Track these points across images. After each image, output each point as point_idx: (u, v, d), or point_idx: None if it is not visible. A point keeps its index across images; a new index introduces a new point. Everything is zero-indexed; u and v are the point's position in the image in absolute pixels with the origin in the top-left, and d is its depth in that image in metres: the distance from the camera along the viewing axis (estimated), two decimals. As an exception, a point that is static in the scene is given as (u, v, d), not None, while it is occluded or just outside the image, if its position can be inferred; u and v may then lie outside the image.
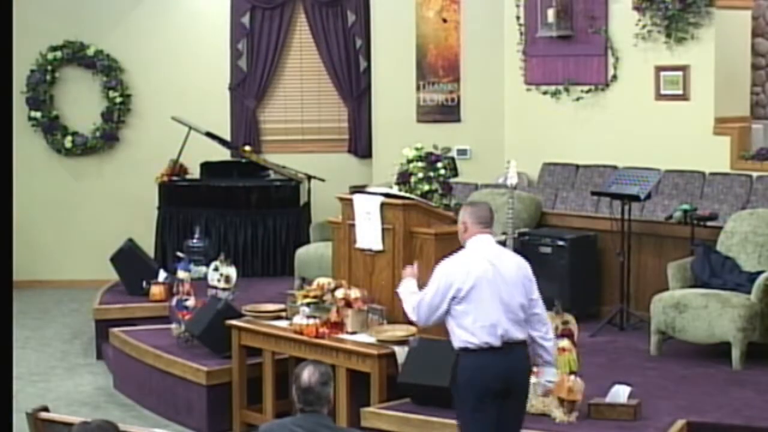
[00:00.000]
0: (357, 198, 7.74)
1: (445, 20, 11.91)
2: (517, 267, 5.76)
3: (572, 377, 6.62)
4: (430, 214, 7.62)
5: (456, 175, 10.05)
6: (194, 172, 11.97)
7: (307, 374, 4.77)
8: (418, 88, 12.03)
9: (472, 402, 5.59)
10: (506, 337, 5.59)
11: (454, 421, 6.56)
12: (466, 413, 5.66)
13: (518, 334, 5.64)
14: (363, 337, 7.28)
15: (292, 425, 4.74)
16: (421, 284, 5.97)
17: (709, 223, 8.86)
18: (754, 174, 10.10)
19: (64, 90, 12.75)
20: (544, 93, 11.38)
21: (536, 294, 5.77)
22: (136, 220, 12.04)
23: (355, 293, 7.46)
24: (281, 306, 7.87)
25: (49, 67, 12.56)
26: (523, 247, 9.45)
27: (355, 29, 12.46)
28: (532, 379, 5.87)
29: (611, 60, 10.96)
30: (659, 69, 10.65)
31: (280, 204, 11.52)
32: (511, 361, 5.62)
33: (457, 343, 5.66)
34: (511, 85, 11.74)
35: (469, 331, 5.59)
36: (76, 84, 12.73)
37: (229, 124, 12.63)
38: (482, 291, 5.60)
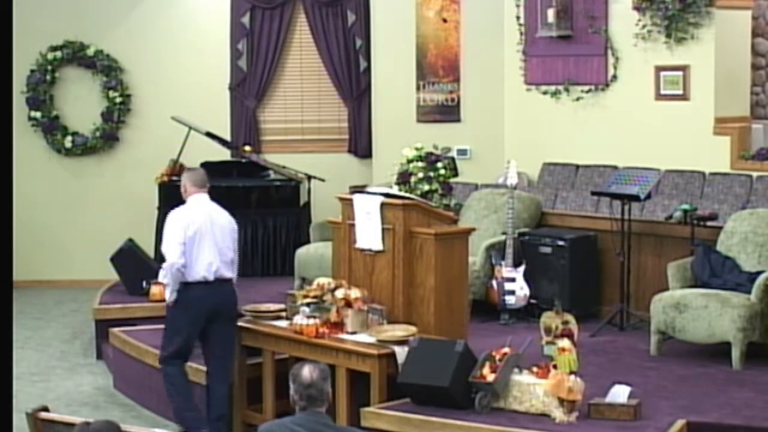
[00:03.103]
0: (357, 198, 7.73)
1: (445, 20, 11.91)
2: (228, 220, 7.48)
3: (572, 377, 6.61)
4: (430, 214, 7.61)
5: (456, 175, 10.04)
6: (194, 172, 11.95)
7: (308, 371, 4.83)
8: (418, 88, 12.02)
9: (187, 322, 7.26)
10: (218, 274, 7.29)
11: (454, 421, 6.58)
12: (179, 330, 7.30)
13: (227, 273, 7.37)
14: (363, 337, 7.27)
15: (292, 425, 4.75)
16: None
17: (709, 223, 8.85)
18: (754, 174, 10.09)
19: (64, 90, 12.74)
20: (544, 93, 11.37)
21: (236, 243, 7.46)
22: (136, 220, 12.03)
23: (355, 293, 7.45)
24: (281, 306, 7.85)
25: (49, 67, 12.55)
26: (523, 247, 9.46)
27: (355, 29, 12.45)
28: None
29: (611, 60, 10.95)
30: (659, 69, 10.65)
31: (280, 204, 11.51)
32: (221, 293, 7.34)
33: (182, 278, 7.18)
34: (511, 85, 11.73)
35: (191, 268, 7.18)
36: (76, 84, 12.72)
37: (229, 124, 12.62)
38: (202, 236, 7.23)
